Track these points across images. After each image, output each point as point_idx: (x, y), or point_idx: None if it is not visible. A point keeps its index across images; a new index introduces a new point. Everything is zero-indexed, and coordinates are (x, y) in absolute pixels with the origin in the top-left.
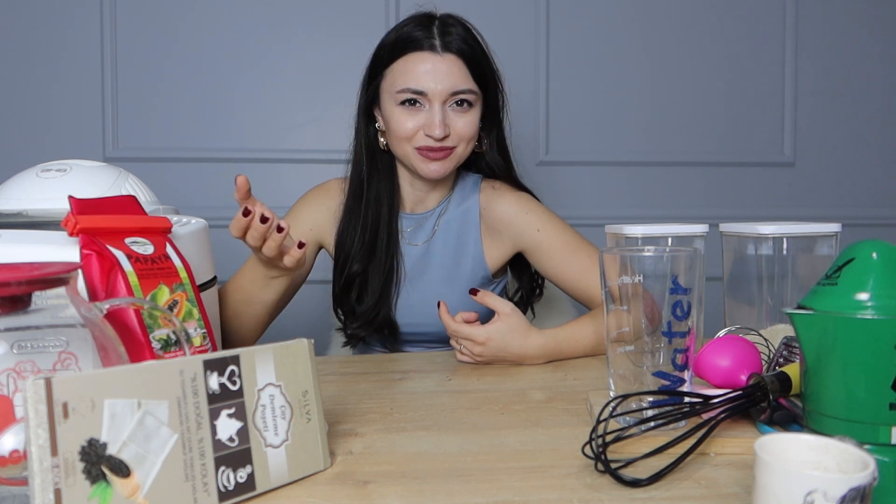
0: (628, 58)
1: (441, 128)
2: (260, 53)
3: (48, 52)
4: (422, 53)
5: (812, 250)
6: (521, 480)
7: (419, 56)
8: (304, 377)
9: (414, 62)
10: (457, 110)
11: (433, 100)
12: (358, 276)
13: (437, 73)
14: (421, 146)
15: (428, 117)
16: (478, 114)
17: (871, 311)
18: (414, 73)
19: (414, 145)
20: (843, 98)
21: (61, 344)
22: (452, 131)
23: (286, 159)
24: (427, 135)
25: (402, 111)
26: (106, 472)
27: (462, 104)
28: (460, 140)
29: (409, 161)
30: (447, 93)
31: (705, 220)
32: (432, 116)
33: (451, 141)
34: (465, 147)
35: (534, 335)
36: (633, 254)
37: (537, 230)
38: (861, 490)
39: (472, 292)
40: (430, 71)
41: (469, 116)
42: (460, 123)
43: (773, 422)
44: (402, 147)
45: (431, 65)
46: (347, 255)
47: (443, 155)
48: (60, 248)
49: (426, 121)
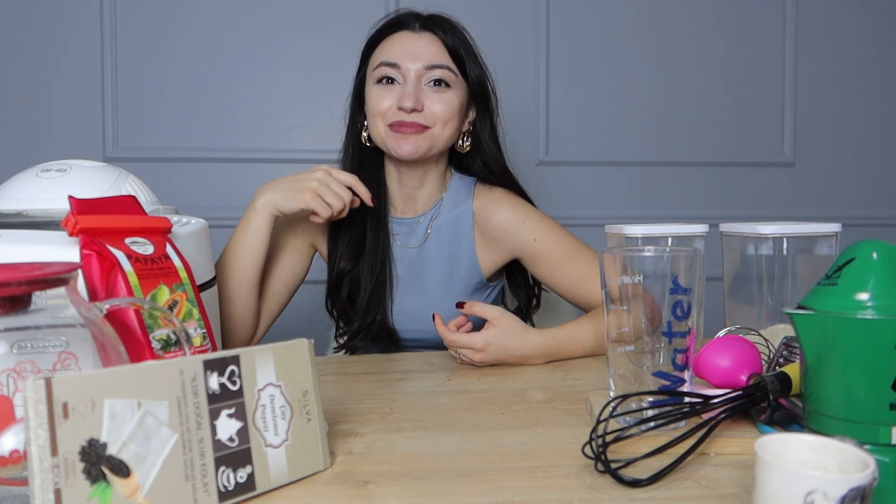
0: (628, 58)
1: (412, 99)
2: (260, 53)
3: (48, 52)
4: (401, 32)
5: (812, 250)
6: (521, 480)
7: (398, 35)
8: (304, 377)
9: (392, 41)
10: (433, 89)
11: (407, 74)
12: (347, 273)
13: (414, 48)
14: (393, 121)
15: (401, 91)
16: (457, 98)
17: (871, 311)
18: (390, 48)
19: (387, 122)
20: (843, 98)
21: (61, 344)
22: (427, 110)
23: (286, 159)
24: (399, 108)
25: (378, 88)
26: (106, 472)
27: (439, 84)
28: (435, 120)
29: (384, 142)
30: (422, 67)
31: (705, 220)
32: (405, 88)
33: (424, 119)
34: (441, 129)
35: (532, 335)
36: (633, 254)
37: (534, 240)
38: (861, 490)
39: (458, 306)
40: (408, 46)
41: (446, 96)
42: (436, 103)
43: (773, 422)
44: (377, 126)
45: (410, 42)
46: (337, 251)
47: (414, 130)
48: (60, 248)
49: (400, 95)
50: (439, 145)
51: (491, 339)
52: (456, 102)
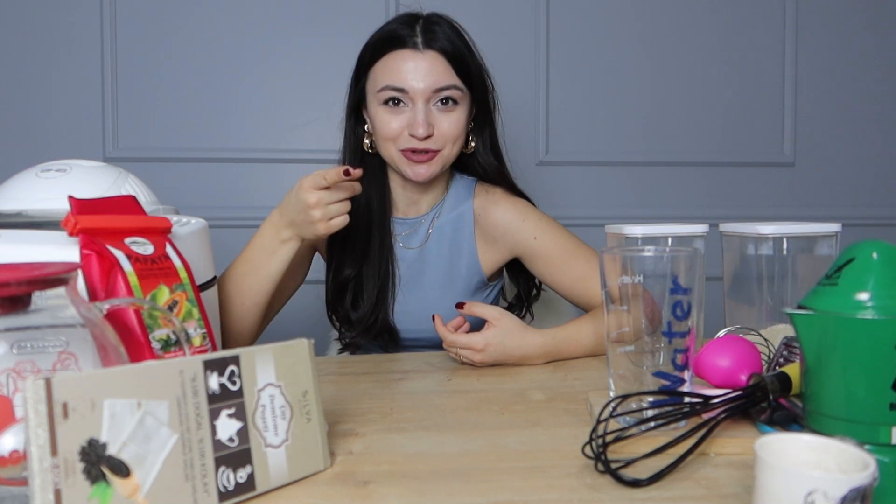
0: (628, 58)
1: (424, 126)
2: (260, 53)
3: (48, 52)
4: (403, 51)
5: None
6: (521, 480)
7: (400, 54)
8: (304, 377)
9: (395, 60)
10: (441, 109)
11: (416, 98)
12: (351, 280)
13: (419, 70)
14: (405, 148)
15: (411, 116)
16: (464, 113)
17: (871, 312)
18: (395, 71)
19: (399, 147)
20: (843, 98)
21: (61, 344)
22: (437, 131)
23: (286, 159)
24: (411, 135)
25: (385, 111)
26: (106, 472)
27: (447, 102)
28: (445, 141)
29: (394, 164)
30: (429, 90)
31: (705, 220)
32: (415, 115)
33: (435, 143)
34: (450, 148)
35: (531, 335)
36: (633, 254)
37: (534, 238)
38: (861, 490)
39: (458, 307)
40: (412, 69)
41: (454, 115)
42: (445, 123)
43: (773, 422)
44: (388, 149)
45: (413, 62)
46: (340, 259)
47: (427, 158)
48: (60, 248)
49: (410, 120)
50: (449, 163)
51: (491, 340)
52: (463, 119)
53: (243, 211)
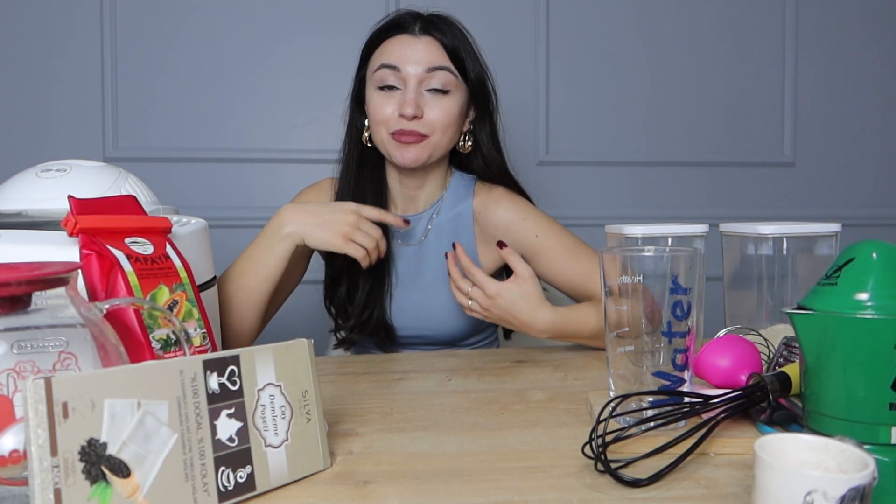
0: (628, 58)
1: (412, 106)
2: (260, 53)
3: (48, 52)
4: (402, 36)
5: (812, 250)
6: (521, 480)
7: (398, 38)
8: (304, 377)
9: (392, 44)
10: (434, 95)
11: (408, 80)
12: (345, 271)
13: (414, 51)
14: (395, 130)
15: (402, 98)
16: (456, 103)
17: (871, 311)
18: (391, 52)
19: (389, 130)
20: (843, 98)
21: (61, 344)
22: (426, 116)
23: (286, 159)
24: (400, 115)
25: (379, 95)
26: (106, 472)
27: (439, 90)
28: (434, 128)
29: (385, 149)
30: (422, 70)
31: (705, 220)
32: (405, 94)
33: (423, 127)
34: (440, 136)
35: (544, 308)
36: (633, 254)
37: (535, 236)
38: (861, 490)
39: (499, 245)
40: (406, 50)
41: (445, 102)
42: (436, 109)
43: (773, 422)
44: (380, 133)
45: (409, 45)
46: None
47: (414, 139)
48: (60, 248)
49: (401, 102)
50: (439, 152)
51: (504, 293)
52: (455, 108)
53: (243, 211)
